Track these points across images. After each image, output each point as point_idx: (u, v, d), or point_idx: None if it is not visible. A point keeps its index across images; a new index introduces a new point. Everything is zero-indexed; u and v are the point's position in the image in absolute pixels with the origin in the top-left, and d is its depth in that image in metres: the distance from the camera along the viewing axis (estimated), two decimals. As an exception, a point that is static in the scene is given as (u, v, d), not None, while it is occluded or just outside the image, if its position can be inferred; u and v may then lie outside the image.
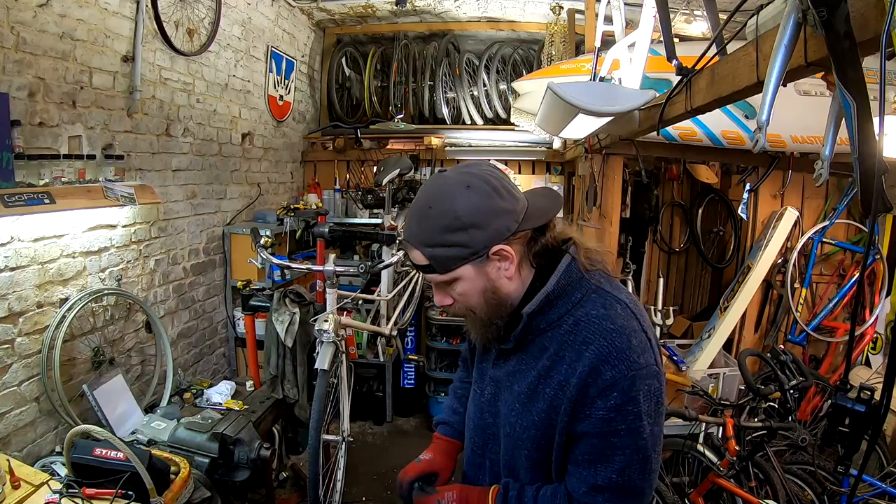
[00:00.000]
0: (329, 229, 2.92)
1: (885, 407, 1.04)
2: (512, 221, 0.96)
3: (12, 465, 1.58)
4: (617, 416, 0.92)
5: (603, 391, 0.92)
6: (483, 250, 0.95)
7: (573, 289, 0.99)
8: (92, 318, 2.29)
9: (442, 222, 0.94)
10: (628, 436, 0.93)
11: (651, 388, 0.94)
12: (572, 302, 0.99)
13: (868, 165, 0.85)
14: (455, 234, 0.94)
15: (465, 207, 0.93)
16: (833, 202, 3.17)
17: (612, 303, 0.98)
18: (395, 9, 4.23)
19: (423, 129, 4.57)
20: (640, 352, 0.94)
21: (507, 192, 0.97)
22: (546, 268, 1.01)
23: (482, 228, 0.94)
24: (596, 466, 0.95)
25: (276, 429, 2.66)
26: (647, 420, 0.93)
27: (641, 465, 0.94)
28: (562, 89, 1.67)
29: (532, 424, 1.01)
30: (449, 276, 0.98)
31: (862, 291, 3.00)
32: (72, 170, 2.08)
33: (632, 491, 0.95)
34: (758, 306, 3.23)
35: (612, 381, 0.92)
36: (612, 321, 0.95)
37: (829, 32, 0.80)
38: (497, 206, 0.94)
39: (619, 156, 2.98)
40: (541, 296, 0.98)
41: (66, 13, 2.08)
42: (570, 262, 1.00)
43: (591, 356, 0.93)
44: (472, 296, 1.00)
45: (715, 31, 1.49)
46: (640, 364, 0.93)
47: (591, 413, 0.94)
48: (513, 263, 0.98)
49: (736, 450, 2.21)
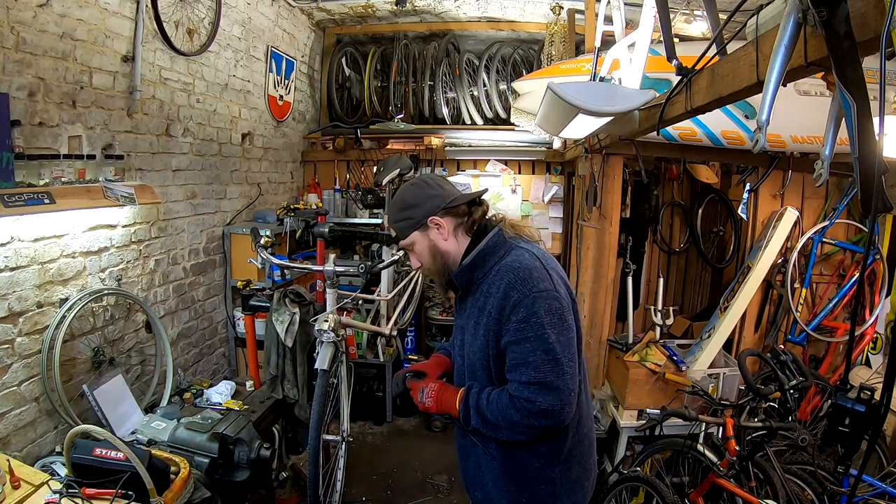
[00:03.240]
0: (329, 229, 2.92)
1: (885, 407, 1.05)
2: (440, 201, 1.41)
3: (12, 465, 1.58)
4: (526, 327, 1.27)
5: (513, 308, 1.29)
6: (423, 219, 1.42)
7: (499, 247, 1.39)
8: (92, 318, 2.29)
9: (398, 206, 1.47)
10: (537, 341, 1.27)
11: (552, 307, 1.28)
12: (498, 256, 1.38)
13: (868, 165, 0.85)
14: (404, 212, 1.44)
15: (409, 195, 1.46)
16: (833, 202, 3.17)
17: (522, 252, 1.36)
18: (395, 9, 4.24)
19: (423, 129, 4.57)
20: (539, 280, 1.29)
21: (438, 186, 1.45)
22: (479, 237, 1.43)
23: (419, 206, 1.42)
24: (519, 369, 1.29)
25: (276, 429, 2.66)
26: (550, 330, 1.27)
27: (552, 365, 1.26)
28: (562, 89, 1.67)
29: (478, 349, 1.39)
30: (408, 240, 1.46)
31: (862, 291, 3.00)
32: (72, 170, 2.08)
33: (548, 386, 1.26)
34: (758, 306, 3.23)
35: (518, 300, 1.28)
36: (518, 262, 1.33)
37: (829, 32, 0.80)
38: (429, 192, 1.43)
39: (619, 156, 2.98)
40: (474, 252, 1.40)
41: (66, 13, 2.08)
42: (497, 232, 1.41)
43: (504, 286, 1.31)
44: (425, 254, 1.45)
45: (715, 31, 1.50)
46: (540, 288, 1.28)
47: (508, 327, 1.30)
48: (444, 229, 1.42)
49: (736, 450, 2.20)
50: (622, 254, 3.39)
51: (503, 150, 4.56)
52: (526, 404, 1.27)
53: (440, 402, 1.44)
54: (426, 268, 1.48)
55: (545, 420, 1.28)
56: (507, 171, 4.61)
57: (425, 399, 1.46)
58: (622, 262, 3.40)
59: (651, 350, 2.92)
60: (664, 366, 2.70)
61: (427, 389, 1.47)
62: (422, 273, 1.51)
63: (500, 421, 1.32)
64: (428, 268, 1.48)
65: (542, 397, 1.26)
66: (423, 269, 1.51)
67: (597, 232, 3.10)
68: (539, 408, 1.26)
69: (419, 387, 1.49)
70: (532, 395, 1.27)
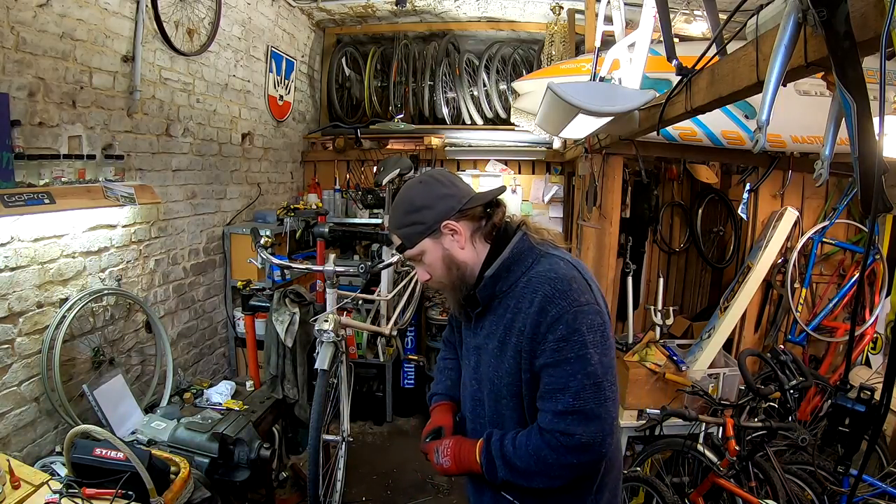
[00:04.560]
0: (329, 229, 2.92)
1: (885, 407, 1.04)
2: (455, 202, 1.20)
3: (12, 465, 1.58)
4: (566, 346, 1.10)
5: (551, 326, 1.11)
6: (435, 225, 1.19)
7: (525, 256, 1.20)
8: (92, 318, 2.29)
9: (404, 208, 1.23)
10: (578, 362, 1.10)
11: (594, 322, 1.12)
12: (525, 266, 1.19)
13: (868, 165, 0.85)
14: (412, 215, 1.21)
15: (417, 195, 1.22)
16: (833, 202, 3.17)
17: (555, 260, 1.18)
18: (395, 9, 4.23)
19: (423, 129, 4.57)
20: (580, 292, 1.13)
21: (451, 183, 1.23)
22: (501, 243, 1.22)
23: (431, 208, 1.19)
24: (555, 395, 1.12)
25: (276, 429, 2.66)
26: (593, 349, 1.10)
27: (594, 390, 1.10)
28: (562, 89, 1.66)
29: (505, 373, 1.20)
30: (416, 249, 1.22)
31: (862, 291, 3.00)
32: (72, 170, 2.08)
33: (588, 415, 1.10)
34: (758, 306, 3.23)
35: (557, 316, 1.11)
36: (554, 272, 1.15)
37: (829, 32, 0.80)
38: (441, 192, 1.20)
39: (619, 156, 2.97)
40: (498, 262, 1.20)
41: (66, 13, 2.08)
42: (522, 236, 1.22)
43: (539, 300, 1.13)
44: (437, 265, 1.23)
45: (715, 31, 1.49)
46: (581, 302, 1.12)
47: (545, 347, 1.12)
48: (461, 235, 1.21)
49: (736, 450, 2.20)
50: (622, 254, 3.40)
51: (503, 150, 4.56)
52: (562, 438, 1.10)
53: (459, 461, 1.26)
54: (437, 281, 1.26)
55: (584, 456, 1.12)
56: (507, 171, 4.61)
57: (442, 460, 1.28)
58: (622, 262, 3.40)
59: (651, 350, 2.92)
60: (664, 366, 2.70)
61: (441, 449, 1.28)
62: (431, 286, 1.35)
63: (532, 466, 1.14)
64: (440, 281, 1.26)
65: (581, 428, 1.09)
66: (432, 283, 1.27)
67: (597, 232, 3.10)
68: (578, 441, 1.10)
69: (433, 448, 1.31)
70: (569, 426, 1.10)
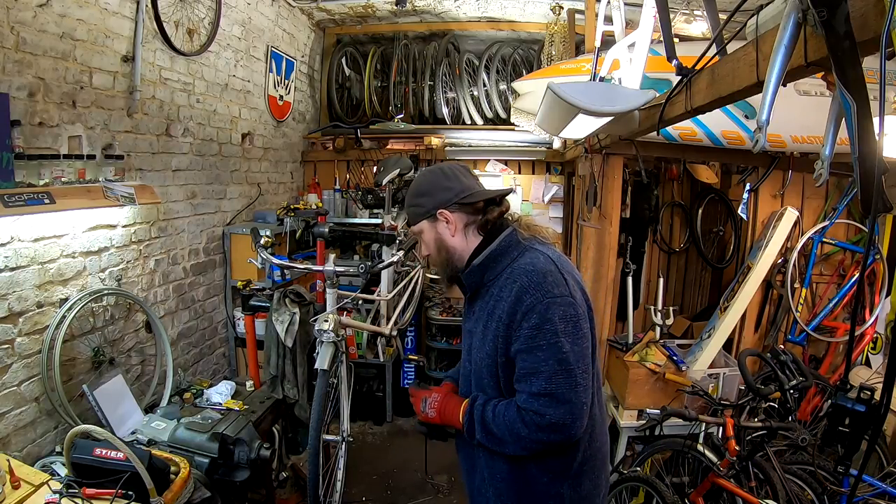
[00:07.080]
0: (329, 229, 2.93)
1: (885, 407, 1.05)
2: (452, 195, 1.36)
3: (12, 465, 1.58)
4: (538, 334, 1.20)
5: (525, 314, 1.22)
6: (432, 210, 1.37)
7: (511, 249, 1.33)
8: (92, 318, 2.29)
9: (413, 191, 1.43)
10: (549, 349, 1.20)
11: (566, 314, 1.21)
12: (511, 258, 1.32)
13: (868, 165, 0.85)
14: (417, 199, 1.40)
15: (424, 182, 1.41)
16: (833, 202, 3.17)
17: (536, 255, 1.29)
18: (395, 9, 4.23)
19: (423, 129, 4.57)
20: (554, 285, 1.22)
21: (455, 177, 1.38)
22: (491, 236, 1.36)
23: (430, 196, 1.38)
24: (529, 379, 1.22)
25: (276, 429, 2.66)
26: (564, 338, 1.20)
27: (565, 376, 1.20)
28: (562, 89, 1.67)
29: (486, 354, 1.32)
30: (416, 227, 1.42)
31: (862, 291, 3.00)
32: (72, 170, 2.08)
33: (560, 398, 1.20)
34: (758, 306, 3.23)
35: (531, 305, 1.21)
36: (532, 265, 1.26)
37: (829, 32, 0.80)
38: (443, 183, 1.37)
39: (619, 156, 2.98)
40: (486, 252, 1.34)
41: (66, 13, 2.08)
42: (511, 232, 1.35)
43: (516, 290, 1.24)
44: (431, 244, 1.41)
45: (715, 31, 1.50)
46: (554, 294, 1.22)
47: (519, 334, 1.23)
48: (452, 224, 1.36)
49: (736, 450, 2.20)
50: (622, 254, 3.39)
51: (503, 150, 4.56)
52: (535, 417, 1.21)
53: (443, 413, 1.39)
54: (432, 258, 1.45)
55: (554, 435, 1.21)
56: (507, 171, 4.62)
57: (428, 409, 1.40)
58: (622, 262, 3.40)
59: (651, 350, 2.92)
60: (664, 366, 2.70)
61: (430, 399, 1.41)
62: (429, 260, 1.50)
63: (507, 436, 1.26)
64: (433, 259, 1.44)
65: (552, 410, 1.19)
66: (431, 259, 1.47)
67: (597, 232, 3.10)
68: (549, 421, 1.20)
69: (422, 396, 1.43)
70: (542, 407, 1.20)
